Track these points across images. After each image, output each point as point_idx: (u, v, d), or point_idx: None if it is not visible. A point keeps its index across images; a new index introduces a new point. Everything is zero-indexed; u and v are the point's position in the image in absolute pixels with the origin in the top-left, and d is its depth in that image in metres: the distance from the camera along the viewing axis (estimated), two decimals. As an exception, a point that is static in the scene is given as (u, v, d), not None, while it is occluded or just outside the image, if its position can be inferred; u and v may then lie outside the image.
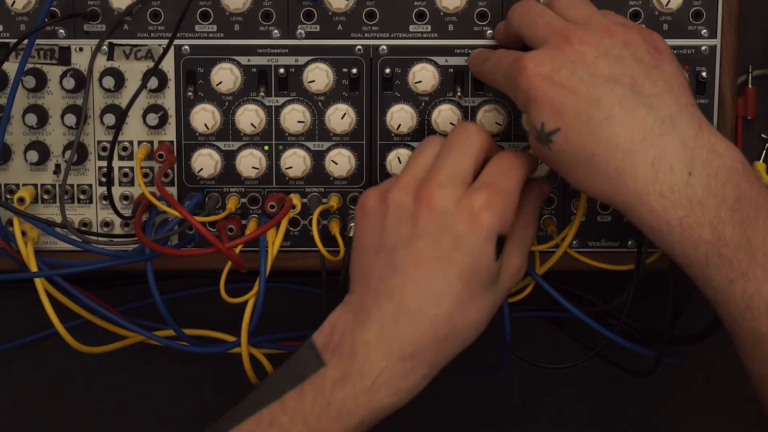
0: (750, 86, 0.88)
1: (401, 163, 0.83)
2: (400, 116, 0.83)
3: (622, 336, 0.85)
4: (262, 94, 0.82)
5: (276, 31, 0.82)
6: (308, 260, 0.84)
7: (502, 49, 0.79)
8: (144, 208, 0.81)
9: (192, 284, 0.94)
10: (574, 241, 0.84)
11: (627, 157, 0.69)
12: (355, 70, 0.82)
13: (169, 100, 0.83)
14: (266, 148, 0.83)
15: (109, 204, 0.82)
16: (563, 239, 0.83)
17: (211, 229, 0.83)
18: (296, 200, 0.83)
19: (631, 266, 0.83)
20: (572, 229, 0.83)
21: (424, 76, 0.82)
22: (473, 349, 0.76)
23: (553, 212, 0.84)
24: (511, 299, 0.83)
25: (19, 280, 0.84)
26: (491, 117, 0.83)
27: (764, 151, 0.90)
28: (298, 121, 0.82)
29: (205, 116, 0.82)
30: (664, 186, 0.69)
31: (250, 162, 0.83)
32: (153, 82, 0.82)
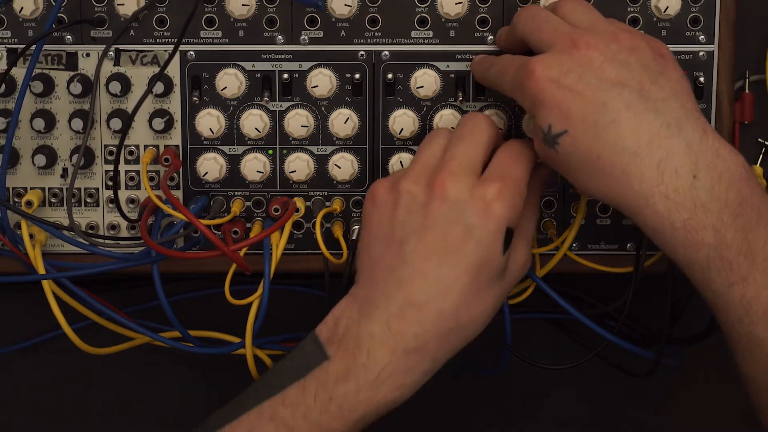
0: (747, 91, 0.88)
1: (403, 166, 0.83)
2: (403, 121, 0.83)
3: (621, 337, 0.85)
4: (266, 98, 0.82)
5: (280, 36, 0.82)
6: (312, 263, 0.84)
7: (506, 54, 0.79)
8: (150, 211, 0.81)
9: (197, 286, 0.94)
10: (574, 244, 0.84)
11: (633, 159, 0.69)
12: (357, 76, 0.82)
13: (174, 104, 0.83)
14: (270, 152, 0.83)
15: (116, 207, 0.82)
16: (563, 242, 0.83)
17: (216, 232, 0.82)
18: (300, 203, 0.83)
19: (630, 269, 0.83)
20: (572, 232, 0.83)
21: (425, 81, 0.82)
22: (474, 350, 0.76)
23: (553, 215, 0.84)
24: (512, 301, 0.83)
25: (27, 282, 0.84)
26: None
27: (761, 155, 0.90)
28: (302, 126, 0.82)
29: (210, 121, 0.82)
30: (669, 188, 0.69)
31: (255, 166, 0.83)
32: (159, 87, 0.82)
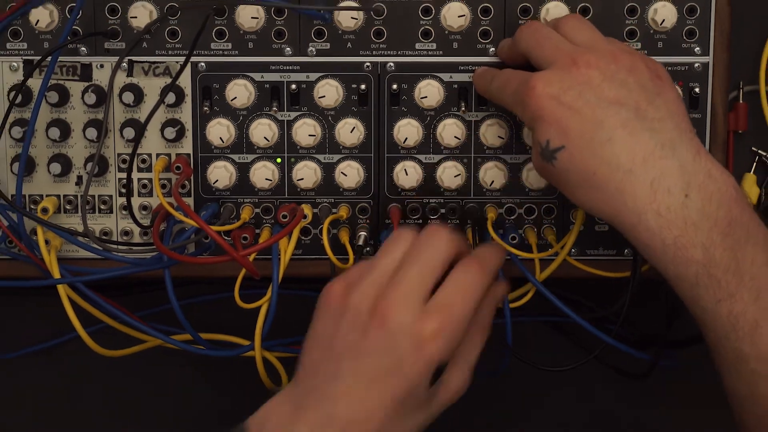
0: (741, 101, 0.89)
1: (407, 175, 0.84)
2: (407, 130, 0.83)
3: (619, 340, 0.85)
4: (274, 108, 0.83)
5: (288, 48, 0.83)
6: (319, 267, 0.85)
7: (507, 68, 0.79)
8: (162, 217, 0.82)
9: (208, 291, 0.94)
10: (573, 249, 0.85)
11: (627, 176, 0.70)
12: (363, 86, 0.83)
13: (186, 114, 0.84)
14: (279, 160, 0.84)
15: (129, 214, 0.83)
16: (562, 247, 0.84)
17: (226, 237, 0.83)
18: (307, 210, 0.84)
19: (627, 273, 0.83)
20: (571, 238, 0.84)
21: (429, 91, 0.83)
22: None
23: (553, 222, 0.85)
24: (513, 305, 0.84)
25: (42, 287, 0.84)
26: (494, 131, 0.84)
27: (755, 163, 0.90)
28: (309, 135, 0.83)
29: (220, 130, 0.83)
30: (662, 206, 0.70)
31: (264, 174, 0.84)
32: (170, 98, 0.83)
